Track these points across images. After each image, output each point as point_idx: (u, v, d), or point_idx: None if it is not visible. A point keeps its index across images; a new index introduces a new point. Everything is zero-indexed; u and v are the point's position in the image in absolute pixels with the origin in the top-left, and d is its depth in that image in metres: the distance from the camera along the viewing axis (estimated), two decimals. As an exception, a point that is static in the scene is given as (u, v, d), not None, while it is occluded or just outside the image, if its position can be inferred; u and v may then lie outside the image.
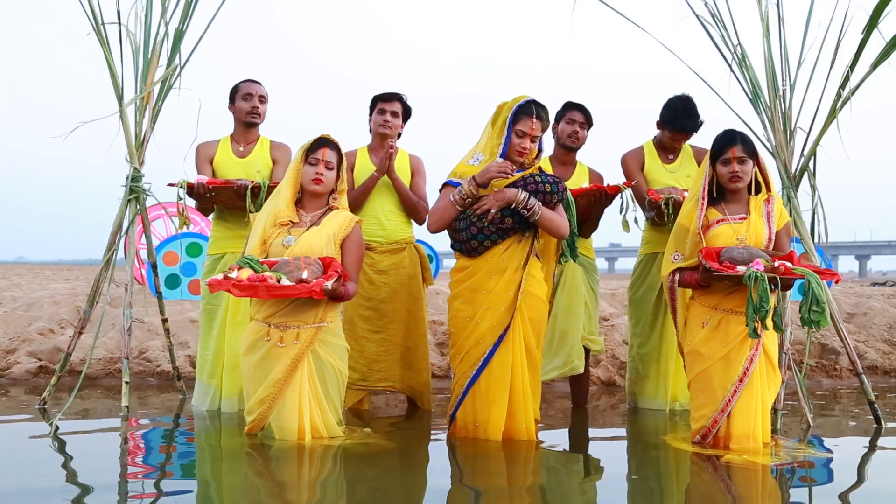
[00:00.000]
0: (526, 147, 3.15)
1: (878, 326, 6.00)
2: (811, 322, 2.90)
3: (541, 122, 3.16)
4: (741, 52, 3.79)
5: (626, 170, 3.96)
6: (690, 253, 3.09)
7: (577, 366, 3.81)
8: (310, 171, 3.19)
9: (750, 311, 2.86)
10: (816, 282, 2.88)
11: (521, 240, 3.18)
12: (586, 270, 3.93)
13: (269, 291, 2.88)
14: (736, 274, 2.89)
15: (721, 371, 3.01)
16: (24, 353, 5.06)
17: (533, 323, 3.18)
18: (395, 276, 3.84)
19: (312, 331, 3.07)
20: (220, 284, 2.90)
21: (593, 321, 3.94)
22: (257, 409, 3.04)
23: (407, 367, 3.86)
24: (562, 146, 3.92)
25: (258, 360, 3.05)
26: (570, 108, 3.89)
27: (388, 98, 3.86)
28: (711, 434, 3.02)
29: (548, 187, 3.15)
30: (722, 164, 3.10)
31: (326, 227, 3.17)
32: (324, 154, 3.19)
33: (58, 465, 2.79)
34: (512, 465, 2.90)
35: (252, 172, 3.77)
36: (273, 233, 3.16)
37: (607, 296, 7.46)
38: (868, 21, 3.50)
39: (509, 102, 3.18)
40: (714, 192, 3.15)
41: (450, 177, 3.25)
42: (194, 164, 3.85)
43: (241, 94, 3.83)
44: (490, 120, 3.25)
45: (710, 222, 3.12)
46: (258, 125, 3.88)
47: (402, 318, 3.84)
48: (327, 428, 3.08)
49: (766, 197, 3.17)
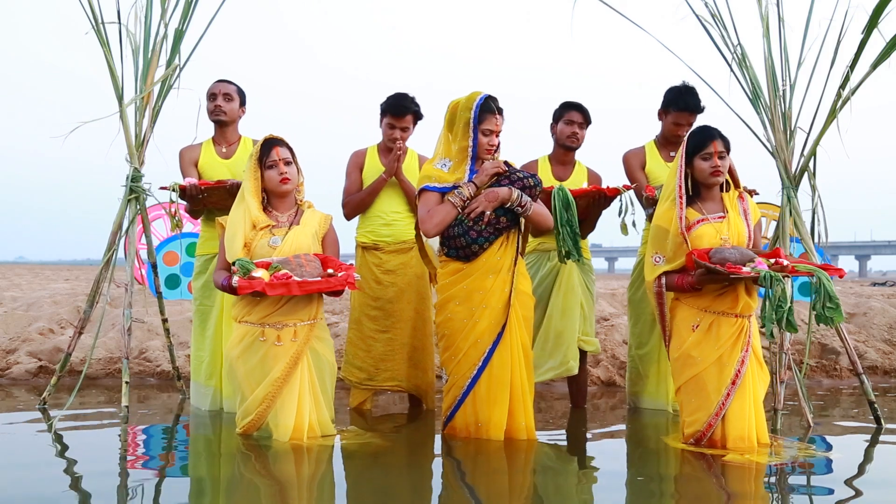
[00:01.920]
0: (493, 144, 3.17)
1: (878, 326, 6.00)
2: (826, 318, 2.87)
3: (501, 115, 3.18)
4: (741, 52, 3.79)
5: (627, 169, 3.95)
6: (673, 255, 3.03)
7: (572, 366, 3.82)
8: (273, 174, 3.16)
9: (769, 311, 2.83)
10: (826, 278, 2.87)
11: (510, 237, 3.19)
12: (582, 271, 3.93)
13: (301, 287, 2.91)
14: (748, 276, 2.84)
15: (715, 374, 2.98)
16: (24, 353, 5.06)
17: (525, 321, 3.20)
18: (402, 275, 3.84)
19: (308, 327, 3.08)
20: (250, 286, 2.89)
21: (588, 322, 3.94)
22: (256, 409, 3.04)
23: (413, 366, 3.87)
24: (561, 146, 3.92)
25: (256, 362, 3.05)
26: (568, 109, 3.89)
27: (400, 114, 3.78)
28: (706, 438, 2.99)
29: (530, 181, 3.18)
30: (702, 160, 3.06)
31: (308, 225, 3.19)
32: (278, 153, 3.17)
33: (58, 466, 2.78)
34: (512, 465, 2.90)
35: (238, 173, 3.76)
36: (255, 235, 3.14)
37: (607, 296, 7.47)
38: (868, 21, 3.49)
39: (463, 101, 3.16)
40: (689, 191, 3.10)
41: (425, 182, 3.19)
42: (179, 169, 3.84)
43: (207, 95, 3.83)
44: (446, 122, 3.22)
45: (691, 223, 3.06)
46: (228, 123, 3.84)
47: (410, 317, 3.84)
48: (322, 425, 3.09)
49: (737, 194, 3.15)
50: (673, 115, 3.84)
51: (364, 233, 3.91)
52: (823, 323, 2.90)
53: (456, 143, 3.18)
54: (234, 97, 3.84)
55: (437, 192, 3.16)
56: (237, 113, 3.86)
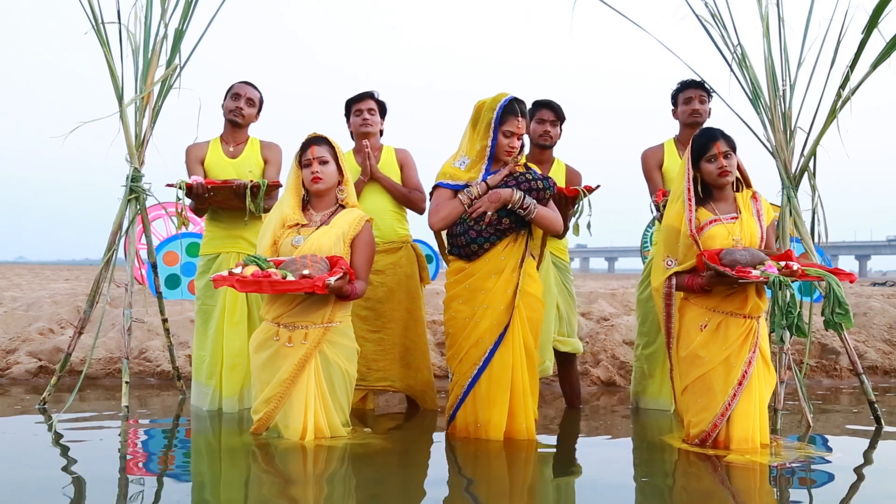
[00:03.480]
0: (514, 146, 3.17)
1: (878, 326, 6.00)
2: (835, 324, 2.86)
3: (525, 119, 3.19)
4: (741, 52, 3.79)
5: (644, 167, 3.94)
6: (684, 256, 3.04)
7: (546, 367, 3.83)
8: (306, 173, 3.19)
9: (779, 317, 2.82)
10: (836, 283, 2.85)
11: (517, 239, 3.19)
12: (560, 271, 3.93)
13: (273, 286, 2.89)
14: (757, 280, 2.83)
15: (722, 375, 2.98)
16: (24, 353, 5.06)
17: (531, 322, 3.19)
18: (392, 275, 3.83)
19: (321, 331, 3.07)
20: (224, 280, 2.92)
21: (566, 322, 3.95)
22: (263, 409, 3.05)
23: (406, 366, 3.86)
24: (535, 145, 3.92)
25: (266, 360, 3.06)
26: (539, 107, 3.88)
27: (361, 98, 3.89)
28: (710, 438, 2.99)
29: (540, 184, 3.17)
30: (707, 162, 3.07)
31: (336, 226, 3.17)
32: (313, 152, 3.18)
33: (58, 465, 2.78)
34: (512, 465, 2.90)
35: (244, 172, 3.77)
36: (283, 234, 3.17)
37: (607, 296, 7.47)
38: (868, 21, 3.49)
39: (488, 102, 3.17)
40: (700, 193, 3.12)
41: (439, 178, 3.23)
42: (185, 166, 3.85)
43: (231, 93, 3.85)
44: (470, 121, 3.24)
45: (703, 223, 3.07)
46: (242, 126, 3.87)
47: (401, 317, 3.84)
48: (331, 428, 3.08)
49: (751, 194, 3.15)
50: (682, 96, 3.86)
51: None
52: (832, 328, 2.89)
53: (478, 143, 3.20)
54: (256, 104, 3.89)
55: (450, 188, 3.19)
56: (253, 119, 3.91)
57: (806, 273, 2.90)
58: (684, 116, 3.87)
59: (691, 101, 3.84)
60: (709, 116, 3.88)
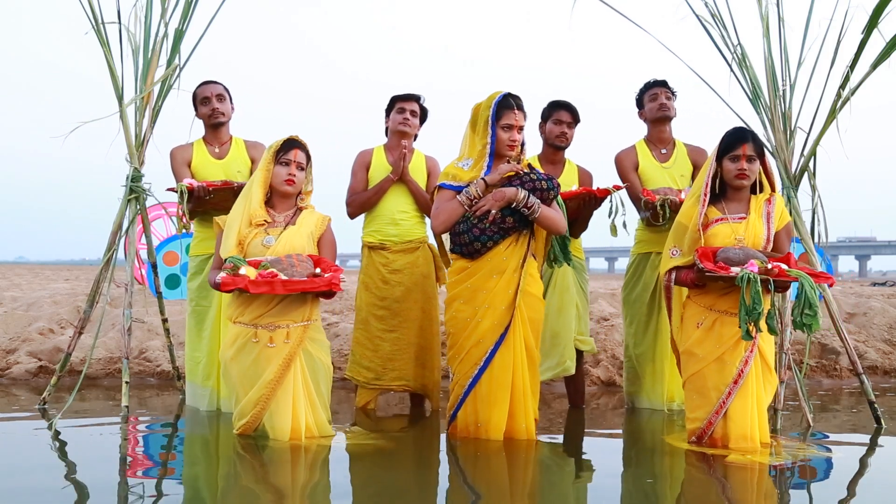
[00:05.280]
0: (515, 139, 3.17)
1: (878, 326, 6.00)
2: (803, 325, 2.89)
3: (522, 112, 3.19)
4: (741, 52, 3.79)
5: (619, 169, 3.95)
6: (689, 250, 3.07)
7: (569, 366, 3.83)
8: (282, 171, 3.18)
9: (742, 313, 2.85)
10: (810, 284, 2.88)
11: (519, 239, 3.18)
12: (576, 270, 3.93)
13: (286, 286, 2.90)
14: (728, 275, 2.88)
15: (715, 372, 3.00)
16: (24, 353, 5.06)
17: (532, 322, 3.18)
18: (409, 275, 3.85)
19: (301, 329, 3.07)
20: (234, 282, 2.90)
21: (583, 321, 3.95)
22: (251, 411, 3.04)
23: (421, 365, 3.87)
24: (550, 146, 3.92)
25: (249, 363, 3.04)
26: (556, 108, 3.88)
27: (408, 98, 3.90)
28: (707, 435, 3.00)
29: (544, 184, 3.17)
30: (730, 161, 3.08)
31: (304, 226, 3.19)
32: (295, 155, 3.18)
33: (58, 466, 2.78)
34: (512, 465, 2.90)
35: (232, 173, 3.76)
36: (249, 233, 3.14)
37: (607, 296, 7.46)
38: (868, 21, 3.50)
39: (484, 102, 3.19)
40: (716, 189, 3.14)
41: (442, 179, 3.24)
42: (170, 169, 3.81)
43: (199, 100, 3.82)
44: (469, 123, 3.25)
45: (710, 221, 3.10)
46: (224, 124, 3.84)
47: (416, 317, 3.85)
48: (319, 427, 3.08)
49: (767, 196, 3.16)
50: (648, 94, 3.91)
51: (370, 232, 3.92)
52: (800, 329, 2.92)
53: (478, 142, 3.20)
54: (225, 96, 3.84)
55: (452, 189, 3.19)
56: (231, 112, 3.87)
57: (786, 273, 2.91)
58: (652, 113, 3.91)
59: (657, 97, 3.89)
60: (675, 115, 3.91)
